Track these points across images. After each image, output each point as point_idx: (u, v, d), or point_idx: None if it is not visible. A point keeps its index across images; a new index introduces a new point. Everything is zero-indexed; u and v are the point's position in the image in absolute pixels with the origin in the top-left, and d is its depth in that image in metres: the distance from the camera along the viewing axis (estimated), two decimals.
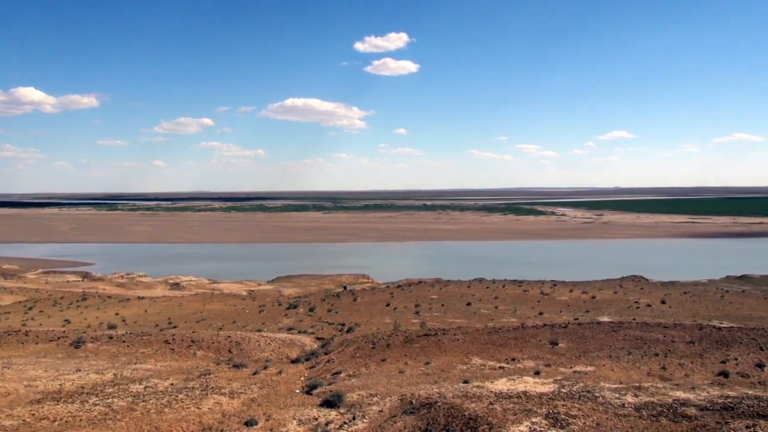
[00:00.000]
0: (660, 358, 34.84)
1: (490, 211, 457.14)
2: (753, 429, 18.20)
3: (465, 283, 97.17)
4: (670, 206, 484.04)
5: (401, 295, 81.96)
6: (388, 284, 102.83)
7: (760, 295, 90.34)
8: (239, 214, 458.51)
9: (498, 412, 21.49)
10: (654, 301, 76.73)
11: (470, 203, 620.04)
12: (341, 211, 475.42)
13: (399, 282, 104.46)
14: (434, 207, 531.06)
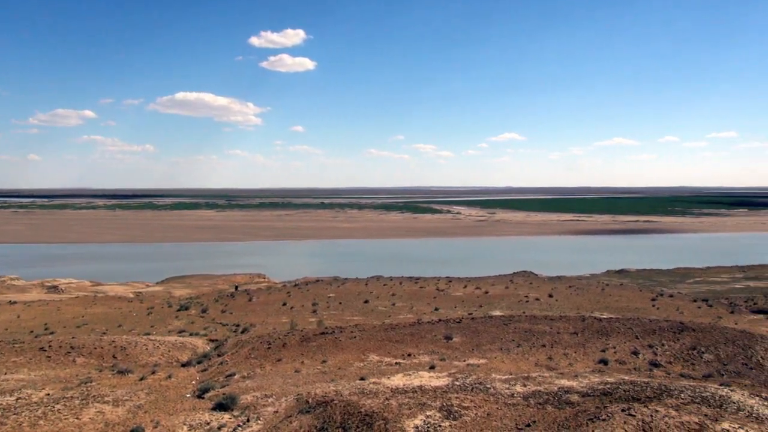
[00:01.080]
0: (547, 349, 36.52)
1: (389, 209, 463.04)
2: (628, 411, 19.34)
3: (363, 281, 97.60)
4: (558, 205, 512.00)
5: (298, 294, 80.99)
6: (285, 283, 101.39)
7: (636, 287, 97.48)
8: (126, 212, 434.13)
9: (393, 407, 21.53)
10: (542, 295, 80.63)
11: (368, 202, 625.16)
12: (236, 209, 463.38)
13: (296, 281, 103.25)
14: (332, 205, 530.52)
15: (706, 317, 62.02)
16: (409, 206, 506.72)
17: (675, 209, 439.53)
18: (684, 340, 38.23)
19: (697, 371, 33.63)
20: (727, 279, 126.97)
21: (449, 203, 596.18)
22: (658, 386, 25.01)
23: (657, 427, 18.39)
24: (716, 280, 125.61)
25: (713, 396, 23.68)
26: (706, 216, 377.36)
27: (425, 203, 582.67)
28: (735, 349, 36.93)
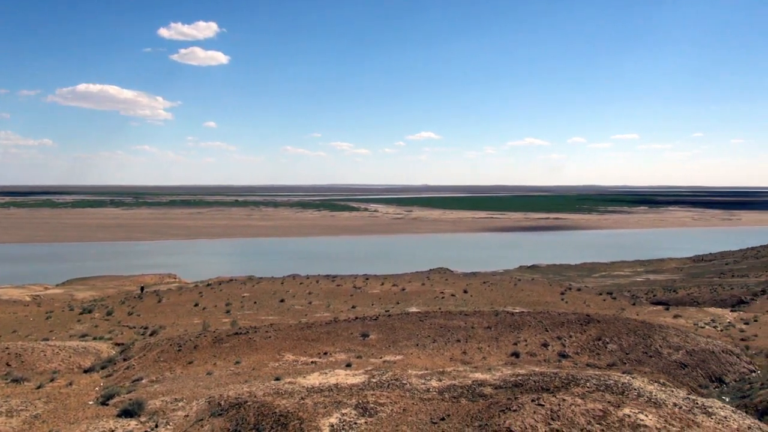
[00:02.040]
0: (461, 343, 37.14)
1: (305, 207, 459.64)
2: (538, 401, 19.88)
3: (278, 280, 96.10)
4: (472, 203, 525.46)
5: (211, 294, 78.63)
6: (197, 283, 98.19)
7: (547, 282, 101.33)
8: (20, 210, 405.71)
9: (309, 406, 21.13)
10: (457, 291, 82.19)
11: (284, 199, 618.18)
12: (144, 207, 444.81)
13: (209, 281, 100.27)
14: (247, 203, 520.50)
15: (611, 309, 65.23)
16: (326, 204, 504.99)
17: (582, 207, 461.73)
18: (590, 331, 39.96)
19: (602, 361, 35.24)
20: (629, 273, 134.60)
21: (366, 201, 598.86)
22: (566, 376, 25.92)
23: (564, 415, 18.97)
24: (620, 273, 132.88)
25: (616, 383, 24.80)
26: (611, 213, 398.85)
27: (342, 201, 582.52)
28: (636, 338, 38.98)
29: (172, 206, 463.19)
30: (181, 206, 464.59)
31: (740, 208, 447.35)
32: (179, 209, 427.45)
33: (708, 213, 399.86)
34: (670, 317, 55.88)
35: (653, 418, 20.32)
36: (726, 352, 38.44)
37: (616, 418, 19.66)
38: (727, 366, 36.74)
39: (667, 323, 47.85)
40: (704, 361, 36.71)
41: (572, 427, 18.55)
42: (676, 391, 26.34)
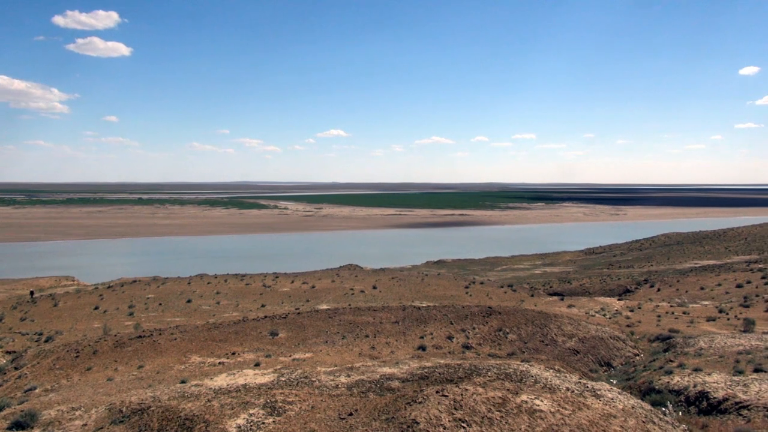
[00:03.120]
0: (370, 339, 37.81)
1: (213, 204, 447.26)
2: (442, 392, 20.76)
3: (185, 280, 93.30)
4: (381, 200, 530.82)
5: (112, 297, 75.23)
6: (98, 285, 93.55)
7: (452, 276, 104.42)
8: None
9: (215, 408, 20.94)
10: (366, 287, 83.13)
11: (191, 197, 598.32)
12: (38, 206, 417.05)
13: (110, 282, 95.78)
14: (151, 201, 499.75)
15: (511, 301, 68.31)
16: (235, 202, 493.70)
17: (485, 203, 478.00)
18: (492, 323, 41.80)
19: (503, 350, 37.01)
20: (528, 266, 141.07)
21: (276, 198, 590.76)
22: (469, 367, 27.11)
23: (467, 404, 19.93)
24: (520, 267, 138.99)
25: (515, 372, 26.23)
26: (512, 209, 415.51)
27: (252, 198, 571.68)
28: (534, 328, 41.20)
29: (70, 204, 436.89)
30: (79, 204, 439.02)
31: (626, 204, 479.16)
32: (77, 207, 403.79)
33: (598, 208, 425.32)
34: (564, 307, 59.27)
35: (548, 402, 21.72)
36: (614, 338, 41.39)
37: (514, 405, 20.85)
38: (615, 351, 39.58)
39: (562, 313, 50.80)
40: (594, 347, 39.36)
41: (474, 415, 19.52)
42: (569, 377, 28.18)
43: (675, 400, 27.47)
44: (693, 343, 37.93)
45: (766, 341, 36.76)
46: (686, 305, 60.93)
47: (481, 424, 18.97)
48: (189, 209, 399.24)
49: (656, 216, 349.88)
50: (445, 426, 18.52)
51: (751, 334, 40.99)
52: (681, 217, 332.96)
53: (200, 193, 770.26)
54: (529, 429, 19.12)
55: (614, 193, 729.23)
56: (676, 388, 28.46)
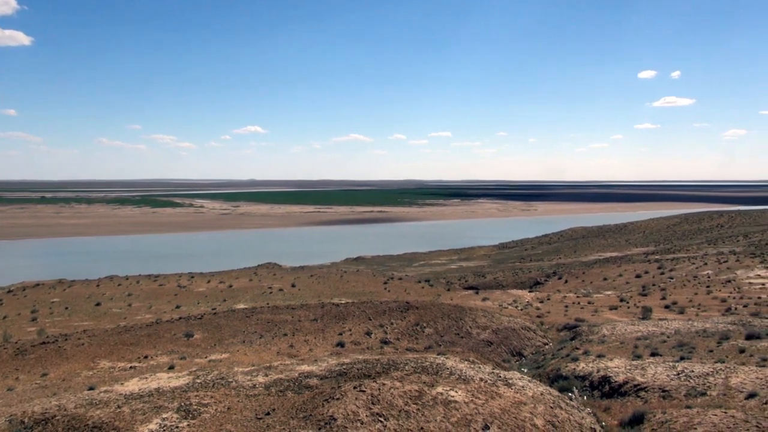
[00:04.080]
0: (289, 337, 37.58)
1: (123, 203, 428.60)
2: (359, 388, 20.99)
3: (94, 282, 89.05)
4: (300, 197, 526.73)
5: (13, 302, 70.73)
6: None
7: (371, 273, 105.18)
8: None
9: (126, 414, 20.22)
10: (285, 285, 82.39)
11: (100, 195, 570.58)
12: None
13: (10, 287, 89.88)
14: (56, 200, 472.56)
15: (429, 296, 69.72)
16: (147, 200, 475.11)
17: (403, 200, 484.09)
18: (409, 317, 42.52)
19: (420, 344, 37.76)
20: (445, 261, 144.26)
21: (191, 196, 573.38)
22: (386, 362, 27.50)
23: (384, 398, 20.27)
24: (437, 262, 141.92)
25: (431, 365, 26.87)
26: (429, 206, 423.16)
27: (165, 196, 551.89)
28: (450, 321, 42.26)
29: None
30: None
31: (536, 200, 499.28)
32: None
33: (510, 205, 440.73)
34: (479, 300, 61.13)
35: (462, 393, 22.42)
36: (525, 329, 43.15)
37: (430, 397, 21.39)
38: (526, 341, 41.29)
39: (477, 306, 52.40)
40: (507, 338, 40.89)
41: (391, 409, 19.88)
42: (483, 367, 29.17)
43: (581, 385, 29.02)
44: (597, 331, 40.14)
45: (661, 327, 39.46)
46: (591, 295, 64.31)
47: (398, 417, 19.35)
48: (97, 208, 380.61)
49: (564, 211, 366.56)
50: (363, 421, 18.76)
51: (649, 321, 43.85)
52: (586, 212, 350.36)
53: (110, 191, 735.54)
54: (444, 419, 19.69)
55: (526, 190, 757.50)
56: (581, 374, 30.06)
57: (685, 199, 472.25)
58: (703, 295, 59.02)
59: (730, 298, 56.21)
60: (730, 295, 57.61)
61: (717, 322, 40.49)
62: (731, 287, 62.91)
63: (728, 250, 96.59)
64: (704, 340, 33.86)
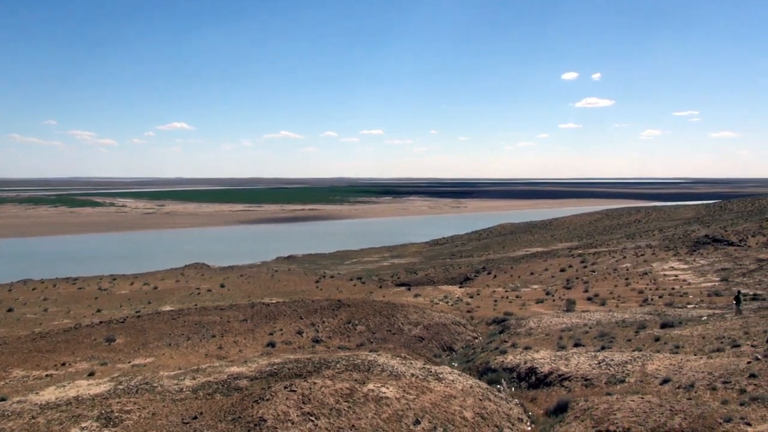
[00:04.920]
0: (217, 338, 36.67)
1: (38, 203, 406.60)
2: (290, 388, 20.70)
3: (5, 287, 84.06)
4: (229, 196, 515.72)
5: None
6: None
7: (302, 271, 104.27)
8: None
9: (41, 425, 19.12)
10: (214, 285, 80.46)
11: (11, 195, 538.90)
12: None
13: None
14: None
15: (361, 293, 69.76)
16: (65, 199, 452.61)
17: (335, 198, 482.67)
18: (341, 315, 42.39)
19: (352, 342, 37.70)
20: (377, 258, 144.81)
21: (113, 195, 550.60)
22: (318, 360, 27.28)
23: (315, 397, 20.06)
24: (369, 260, 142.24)
25: (363, 362, 26.84)
26: (361, 204, 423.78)
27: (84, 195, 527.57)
28: (381, 318, 42.41)
29: None
30: None
31: (466, 197, 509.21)
32: None
33: (441, 202, 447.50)
34: (411, 297, 61.71)
35: (393, 389, 22.51)
36: (455, 324, 43.86)
37: (361, 394, 21.35)
38: (456, 335, 41.97)
39: (409, 302, 52.87)
40: (438, 333, 41.43)
41: (322, 407, 19.70)
42: (415, 363, 29.42)
43: (509, 377, 29.74)
44: (524, 323, 41.30)
45: (584, 319, 41.04)
46: (519, 289, 66.13)
47: (329, 416, 19.19)
48: (8, 208, 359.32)
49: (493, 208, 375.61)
50: (294, 421, 18.50)
51: (572, 313, 45.52)
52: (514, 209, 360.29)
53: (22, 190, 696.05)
54: (375, 416, 19.69)
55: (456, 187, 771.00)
56: (509, 366, 30.81)
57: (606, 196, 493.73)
58: (623, 287, 61.80)
59: (647, 289, 59.10)
60: (647, 287, 60.58)
61: (635, 313, 42.49)
62: (648, 279, 66.16)
63: (645, 244, 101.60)
64: (623, 330, 35.43)
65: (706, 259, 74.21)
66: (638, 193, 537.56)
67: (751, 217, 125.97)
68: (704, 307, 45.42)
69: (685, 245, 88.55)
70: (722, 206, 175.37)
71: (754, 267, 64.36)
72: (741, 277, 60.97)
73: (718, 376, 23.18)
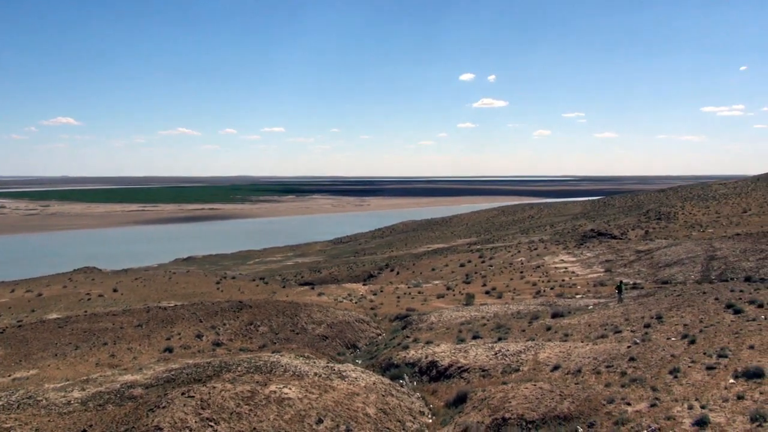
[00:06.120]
0: (109, 346, 34.84)
1: None
2: (188, 393, 20.04)
3: None
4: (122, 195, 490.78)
5: None
6: None
7: (202, 273, 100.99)
8: None
9: None
10: (106, 290, 76.26)
11: None
12: None
13: None
14: None
15: (264, 294, 68.57)
16: None
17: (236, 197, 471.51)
18: (243, 317, 41.49)
19: (255, 344, 37.01)
20: (281, 258, 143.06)
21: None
22: (218, 364, 26.59)
23: (214, 402, 19.54)
24: (272, 259, 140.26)
25: (266, 363, 26.46)
26: (263, 203, 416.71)
27: None
28: (285, 318, 41.92)
29: None
30: None
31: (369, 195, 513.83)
32: None
33: (344, 200, 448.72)
34: (315, 295, 61.44)
35: (296, 389, 22.36)
36: (359, 321, 44.15)
37: (263, 396, 21.04)
38: (360, 333, 42.26)
39: (313, 301, 52.60)
40: (342, 331, 41.52)
41: (222, 412, 19.23)
42: (318, 362, 29.37)
43: (411, 371, 30.35)
44: (426, 318, 42.24)
45: (482, 312, 42.56)
46: (421, 285, 67.56)
47: (229, 420, 18.77)
48: None
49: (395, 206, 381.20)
50: (192, 427, 17.94)
51: (471, 306, 47.09)
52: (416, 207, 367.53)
53: None
54: (277, 417, 19.48)
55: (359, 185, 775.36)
56: (411, 361, 31.43)
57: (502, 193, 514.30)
58: (518, 280, 64.70)
59: (540, 281, 62.23)
60: (540, 279, 63.79)
61: (529, 304, 44.59)
62: (540, 272, 69.66)
63: (538, 239, 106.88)
64: (518, 321, 37.10)
65: (592, 251, 79.14)
66: (531, 190, 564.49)
67: (630, 212, 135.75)
68: (590, 296, 48.43)
69: (574, 239, 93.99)
70: (606, 202, 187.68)
71: (633, 258, 69.37)
72: (623, 267, 65.55)
73: (602, 360, 24.82)
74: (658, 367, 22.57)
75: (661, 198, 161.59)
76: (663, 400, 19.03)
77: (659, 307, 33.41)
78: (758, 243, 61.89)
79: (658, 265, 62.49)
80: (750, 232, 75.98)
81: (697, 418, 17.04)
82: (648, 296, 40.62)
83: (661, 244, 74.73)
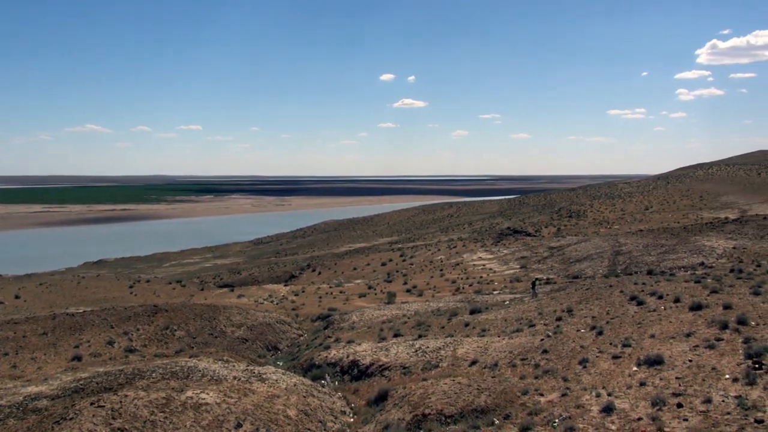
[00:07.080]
0: (11, 356, 32.76)
1: None
2: (98, 403, 19.12)
3: None
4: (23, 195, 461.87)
5: None
6: None
7: (114, 276, 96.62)
8: None
9: None
10: (7, 297, 71.60)
11: None
12: None
13: None
14: None
15: (180, 297, 66.45)
16: None
17: (151, 197, 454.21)
18: (158, 321, 40.06)
19: (171, 349, 35.82)
20: (199, 259, 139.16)
21: None
22: (131, 371, 25.53)
23: (126, 411, 18.76)
24: (190, 261, 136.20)
25: (182, 369, 25.65)
26: (179, 203, 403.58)
27: None
28: (203, 322, 40.84)
29: None
30: None
31: (290, 195, 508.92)
32: None
33: (265, 200, 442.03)
34: (234, 298, 60.17)
35: (214, 394, 21.81)
36: (280, 323, 43.64)
37: (179, 403, 20.39)
38: (281, 334, 41.79)
39: (232, 304, 51.48)
40: (263, 333, 40.92)
41: (135, 421, 18.49)
42: (237, 365, 28.76)
43: (332, 371, 30.30)
44: (347, 318, 42.26)
45: (403, 310, 43.05)
46: (343, 285, 67.54)
47: (143, 429, 18.08)
48: None
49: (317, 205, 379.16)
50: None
51: (393, 305, 47.53)
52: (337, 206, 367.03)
53: None
54: (194, 424, 18.94)
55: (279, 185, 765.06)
56: (333, 361, 31.38)
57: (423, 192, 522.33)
58: (438, 278, 65.92)
59: (459, 279, 63.67)
60: (459, 277, 65.27)
61: (448, 301, 45.54)
62: (459, 269, 71.29)
63: (456, 237, 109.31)
64: (438, 318, 37.81)
65: (509, 248, 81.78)
66: (450, 190, 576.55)
67: (544, 210, 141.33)
68: (507, 292, 50.03)
69: (491, 237, 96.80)
70: (521, 201, 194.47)
71: (547, 254, 72.26)
72: (537, 263, 68.14)
73: (517, 354, 25.70)
74: (569, 358, 23.62)
75: (572, 197, 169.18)
76: (573, 390, 19.93)
77: (570, 300, 34.97)
78: (659, 238, 65.95)
79: (569, 261, 65.39)
80: (651, 228, 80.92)
81: (604, 405, 17.95)
82: (560, 291, 42.42)
83: (572, 240, 78.22)
